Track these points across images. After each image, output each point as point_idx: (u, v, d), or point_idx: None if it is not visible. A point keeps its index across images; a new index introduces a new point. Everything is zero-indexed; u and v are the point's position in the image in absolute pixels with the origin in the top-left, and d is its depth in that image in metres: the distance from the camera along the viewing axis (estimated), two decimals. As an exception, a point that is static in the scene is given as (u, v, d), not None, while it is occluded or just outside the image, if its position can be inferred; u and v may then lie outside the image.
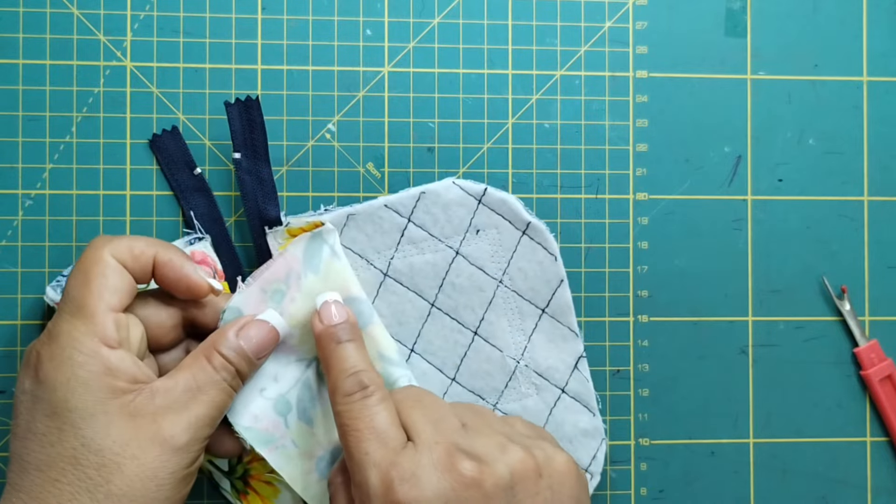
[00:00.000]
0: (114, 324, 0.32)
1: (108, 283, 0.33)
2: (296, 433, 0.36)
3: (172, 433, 0.31)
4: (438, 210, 0.39)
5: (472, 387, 0.40)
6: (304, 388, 0.36)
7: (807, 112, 0.43)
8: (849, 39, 0.43)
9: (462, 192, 0.39)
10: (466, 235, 0.40)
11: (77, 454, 0.31)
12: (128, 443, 0.31)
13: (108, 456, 0.31)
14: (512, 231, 0.40)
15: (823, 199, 0.43)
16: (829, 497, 0.43)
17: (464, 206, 0.40)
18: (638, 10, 0.43)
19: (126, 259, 0.33)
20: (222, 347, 0.34)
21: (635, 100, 0.42)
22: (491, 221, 0.40)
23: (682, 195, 0.43)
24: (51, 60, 0.40)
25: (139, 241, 0.34)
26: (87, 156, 0.40)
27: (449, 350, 0.40)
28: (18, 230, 0.40)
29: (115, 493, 0.30)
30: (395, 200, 0.39)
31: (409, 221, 0.39)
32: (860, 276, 0.43)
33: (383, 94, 0.41)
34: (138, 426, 0.31)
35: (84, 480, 0.30)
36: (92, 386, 0.31)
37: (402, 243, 0.39)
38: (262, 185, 0.39)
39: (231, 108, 0.39)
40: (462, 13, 0.42)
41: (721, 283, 0.43)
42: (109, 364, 0.32)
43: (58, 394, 0.31)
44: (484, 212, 0.40)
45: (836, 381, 0.43)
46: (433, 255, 0.40)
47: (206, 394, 0.33)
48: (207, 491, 0.40)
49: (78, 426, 0.31)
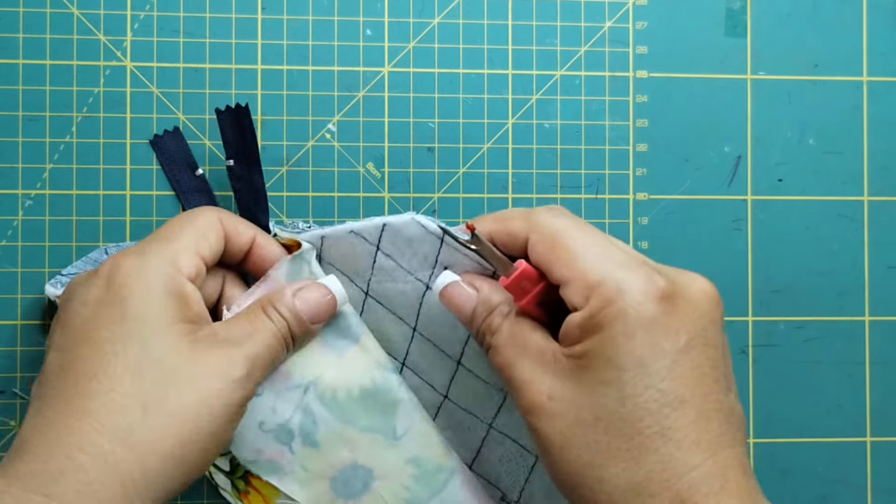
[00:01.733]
0: (196, 267, 0.33)
1: (207, 237, 0.34)
2: (303, 458, 0.36)
3: (230, 365, 0.31)
4: (403, 243, 0.37)
5: (465, 405, 0.39)
6: (304, 414, 0.36)
7: (807, 112, 0.43)
8: (849, 39, 0.43)
9: (423, 229, 0.36)
10: (434, 271, 0.37)
11: (140, 366, 0.30)
12: (189, 366, 0.30)
13: (169, 373, 0.30)
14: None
15: (823, 199, 0.43)
16: (829, 497, 0.43)
17: (426, 243, 0.36)
18: (638, 10, 0.43)
19: (231, 231, 0.35)
20: (278, 304, 0.34)
21: (635, 100, 0.42)
22: (455, 260, 0.36)
23: (682, 195, 0.43)
24: (51, 60, 0.40)
25: (244, 223, 0.36)
26: (87, 156, 0.40)
27: (436, 372, 0.39)
28: (18, 230, 0.40)
29: (168, 411, 0.29)
30: (361, 228, 0.37)
31: (378, 250, 0.37)
32: (860, 276, 0.43)
33: (383, 94, 0.41)
34: (200, 354, 0.31)
35: (140, 394, 0.29)
36: (166, 304, 0.31)
37: (375, 269, 0.38)
38: (255, 192, 0.39)
39: (222, 115, 0.38)
40: (462, 13, 0.42)
41: (721, 283, 0.42)
42: (185, 292, 0.32)
43: (131, 301, 0.31)
44: (447, 251, 0.36)
45: (836, 382, 0.43)
46: (405, 286, 0.37)
47: (261, 335, 0.33)
48: (208, 491, 0.40)
49: (146, 337, 0.30)
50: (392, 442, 0.36)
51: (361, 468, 0.37)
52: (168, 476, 0.30)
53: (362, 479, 0.37)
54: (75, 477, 0.28)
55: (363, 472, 0.37)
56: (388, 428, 0.36)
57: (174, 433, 0.29)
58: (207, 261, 0.34)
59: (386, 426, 0.36)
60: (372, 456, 0.36)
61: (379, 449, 0.36)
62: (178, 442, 0.30)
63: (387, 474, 0.37)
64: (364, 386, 0.36)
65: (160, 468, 0.29)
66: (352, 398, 0.36)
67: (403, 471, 0.37)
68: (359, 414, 0.36)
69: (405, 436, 0.36)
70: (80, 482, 0.28)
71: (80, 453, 0.28)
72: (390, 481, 0.37)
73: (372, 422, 0.36)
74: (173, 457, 0.29)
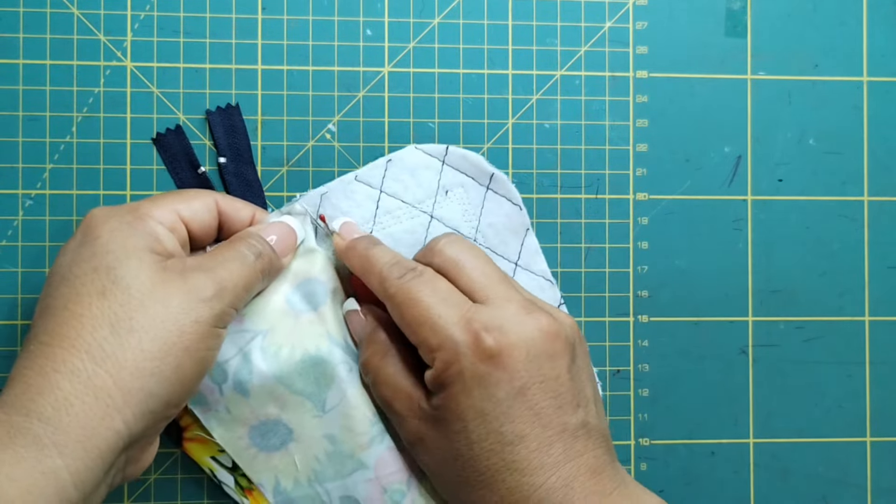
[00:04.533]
0: (170, 221, 0.34)
1: (190, 204, 0.35)
2: (230, 401, 0.36)
3: (197, 285, 0.32)
4: (407, 176, 0.40)
5: None
6: (243, 359, 0.36)
7: (807, 112, 0.43)
8: (849, 39, 0.43)
9: (425, 155, 0.40)
10: (437, 198, 0.40)
11: (105, 289, 0.31)
12: (155, 287, 0.32)
13: (135, 294, 0.31)
14: (477, 188, 0.40)
15: (823, 199, 0.43)
16: (829, 497, 0.43)
17: (429, 169, 0.40)
18: (638, 10, 0.43)
19: (228, 209, 0.37)
20: (248, 235, 0.35)
21: (635, 100, 0.42)
22: (457, 180, 0.40)
23: (682, 195, 0.43)
24: (51, 60, 0.40)
25: (243, 203, 0.38)
26: (87, 156, 0.40)
27: None
28: (18, 230, 0.40)
29: (137, 329, 0.31)
30: (364, 173, 0.40)
31: (381, 192, 0.40)
32: (860, 276, 0.43)
33: (383, 94, 0.41)
34: (167, 277, 0.32)
35: (107, 314, 0.31)
36: (134, 237, 0.33)
37: (378, 215, 0.40)
38: (249, 186, 0.40)
39: (213, 115, 0.39)
40: (462, 13, 0.42)
41: (721, 283, 0.43)
42: (156, 232, 0.34)
43: (101, 240, 0.32)
44: (449, 172, 0.40)
45: (836, 382, 0.43)
46: (410, 223, 0.40)
47: (231, 262, 0.34)
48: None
49: (112, 266, 0.32)
50: (319, 413, 0.36)
51: (283, 426, 0.37)
52: (147, 391, 0.30)
53: (281, 436, 0.37)
54: (52, 394, 0.29)
55: (284, 429, 0.37)
56: (319, 399, 0.36)
57: (145, 348, 0.30)
58: (190, 224, 0.35)
59: (317, 396, 0.36)
60: (296, 419, 0.37)
61: (305, 415, 0.37)
62: (149, 356, 0.30)
63: (305, 440, 0.37)
64: (308, 351, 0.36)
65: (136, 383, 0.30)
66: (293, 359, 0.36)
67: (320, 443, 0.37)
68: (294, 377, 0.36)
69: (332, 411, 0.36)
70: (55, 398, 0.29)
71: (54, 373, 0.30)
72: (306, 448, 0.37)
73: (305, 387, 0.36)
74: (147, 371, 0.30)
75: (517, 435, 0.32)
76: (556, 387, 0.33)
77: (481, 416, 0.32)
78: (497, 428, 0.32)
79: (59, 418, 0.29)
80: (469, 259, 0.35)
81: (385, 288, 0.35)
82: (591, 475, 0.32)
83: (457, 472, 0.33)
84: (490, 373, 0.32)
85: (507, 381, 0.32)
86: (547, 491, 0.32)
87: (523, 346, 0.32)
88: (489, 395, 0.32)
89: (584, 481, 0.32)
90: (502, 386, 0.32)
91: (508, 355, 0.32)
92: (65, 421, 0.29)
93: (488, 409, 0.32)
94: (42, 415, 0.29)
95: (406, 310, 0.34)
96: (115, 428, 0.30)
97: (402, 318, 0.34)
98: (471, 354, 0.32)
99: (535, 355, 0.32)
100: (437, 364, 0.33)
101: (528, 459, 0.32)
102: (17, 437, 0.28)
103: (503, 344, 0.32)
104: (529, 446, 0.32)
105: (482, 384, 0.32)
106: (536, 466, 0.32)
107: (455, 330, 0.33)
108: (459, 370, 0.32)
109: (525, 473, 0.32)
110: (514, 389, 0.32)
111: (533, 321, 0.33)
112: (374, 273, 0.35)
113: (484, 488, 0.32)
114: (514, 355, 0.32)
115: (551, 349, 0.33)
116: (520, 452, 0.32)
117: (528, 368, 0.32)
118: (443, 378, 0.33)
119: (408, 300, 0.34)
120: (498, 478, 0.32)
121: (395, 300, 0.34)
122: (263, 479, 0.37)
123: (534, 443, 0.32)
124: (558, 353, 0.33)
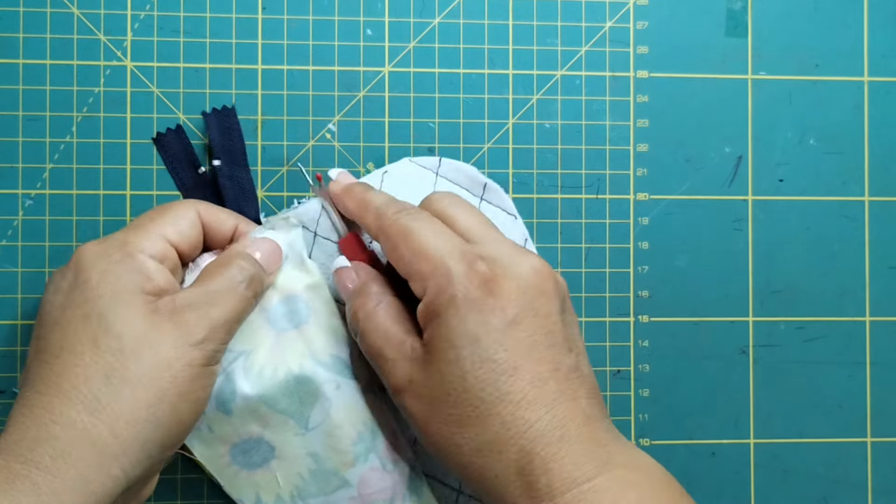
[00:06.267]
0: (161, 250, 0.34)
1: (176, 224, 0.35)
2: (212, 420, 0.36)
3: (189, 328, 0.32)
4: (402, 187, 0.40)
5: None
6: (226, 379, 0.36)
7: (808, 112, 0.43)
8: (850, 39, 0.43)
9: (420, 167, 0.40)
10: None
11: (97, 338, 0.31)
12: (147, 333, 0.32)
13: (127, 342, 0.31)
14: (471, 199, 0.40)
15: (824, 200, 0.43)
16: (829, 497, 0.43)
17: (424, 181, 0.40)
18: (638, 10, 0.43)
19: (211, 220, 0.36)
20: (238, 257, 0.35)
21: (636, 100, 0.42)
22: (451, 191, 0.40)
23: (682, 195, 0.43)
24: (51, 60, 0.40)
25: (226, 212, 0.37)
26: (87, 156, 0.40)
27: None
28: (18, 230, 0.40)
29: (131, 378, 0.31)
30: (364, 181, 0.39)
31: None
32: (860, 276, 0.43)
33: (384, 94, 0.41)
34: (158, 320, 0.32)
35: (101, 364, 0.31)
36: (124, 279, 0.33)
37: None
38: (243, 189, 0.40)
39: (209, 117, 0.39)
40: (462, 13, 0.42)
41: (721, 283, 0.43)
42: (146, 268, 0.33)
43: (91, 283, 0.32)
44: (443, 183, 0.40)
45: (836, 382, 0.43)
46: None
47: (224, 296, 0.34)
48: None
49: (102, 313, 0.32)
50: (302, 431, 0.36)
51: (266, 444, 0.37)
52: (143, 438, 0.31)
53: (263, 454, 0.37)
54: (49, 444, 0.30)
55: (266, 447, 0.37)
56: (302, 417, 0.36)
57: (139, 397, 0.31)
58: (179, 246, 0.35)
59: (300, 414, 0.36)
60: (279, 437, 0.37)
61: (288, 433, 0.36)
62: (144, 405, 0.31)
63: (288, 458, 0.37)
64: (291, 370, 0.36)
65: (132, 432, 0.31)
66: (276, 379, 0.36)
67: (303, 461, 0.37)
68: (278, 397, 0.36)
69: (315, 429, 0.36)
70: (53, 448, 0.30)
71: (52, 424, 0.30)
72: (289, 466, 0.37)
73: (289, 406, 0.36)
74: (143, 419, 0.31)
75: (511, 365, 0.31)
76: (547, 324, 0.32)
77: (475, 342, 0.31)
78: (491, 355, 0.31)
79: (56, 467, 0.29)
80: (463, 210, 0.35)
81: (381, 223, 0.35)
82: (585, 421, 0.32)
83: (448, 412, 0.32)
84: (483, 299, 0.32)
85: (500, 308, 0.32)
86: (542, 429, 0.31)
87: (516, 278, 0.32)
88: (483, 321, 0.32)
89: (578, 425, 0.31)
90: (496, 313, 0.32)
91: (502, 284, 0.32)
92: (62, 470, 0.29)
93: (482, 334, 0.31)
94: (40, 464, 0.29)
95: (401, 241, 0.34)
96: (113, 475, 0.30)
97: (397, 250, 0.34)
98: (465, 280, 0.32)
99: (526, 288, 0.32)
100: (430, 290, 0.33)
101: (523, 391, 0.31)
102: (16, 483, 0.29)
103: (497, 273, 0.32)
104: (524, 378, 0.31)
105: (476, 309, 0.32)
106: (532, 399, 0.31)
107: (449, 258, 0.33)
108: (453, 295, 0.32)
109: (520, 406, 0.31)
110: (507, 318, 0.32)
111: (526, 260, 0.33)
112: (370, 210, 0.35)
113: (478, 425, 0.31)
114: (508, 285, 0.32)
115: (543, 286, 0.33)
116: (515, 384, 0.31)
117: (520, 300, 0.32)
118: (436, 304, 0.32)
119: (403, 232, 0.34)
120: (493, 411, 0.31)
121: (391, 232, 0.34)
122: (244, 495, 0.37)
123: (528, 375, 0.31)
124: (550, 292, 0.33)
